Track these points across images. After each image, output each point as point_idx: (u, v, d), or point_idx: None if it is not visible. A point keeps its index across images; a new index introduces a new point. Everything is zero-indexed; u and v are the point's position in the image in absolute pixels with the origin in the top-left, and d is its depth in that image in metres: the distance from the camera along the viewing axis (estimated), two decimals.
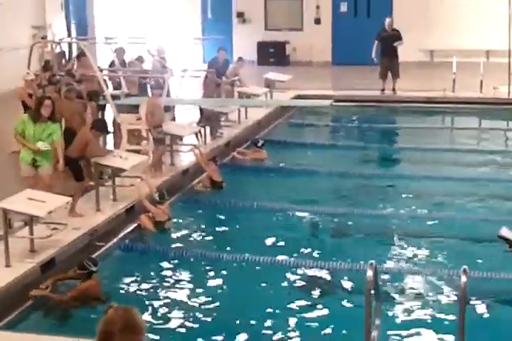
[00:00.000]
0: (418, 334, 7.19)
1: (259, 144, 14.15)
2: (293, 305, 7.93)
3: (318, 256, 9.25)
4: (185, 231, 10.37)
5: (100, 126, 10.75)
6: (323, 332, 7.27)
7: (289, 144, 15.38)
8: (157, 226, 10.23)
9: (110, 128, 13.97)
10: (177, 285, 8.59)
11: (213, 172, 12.20)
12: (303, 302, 8.01)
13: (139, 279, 8.79)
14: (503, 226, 5.68)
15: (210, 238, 10.21)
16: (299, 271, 8.87)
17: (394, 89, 19.56)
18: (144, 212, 10.39)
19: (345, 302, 7.92)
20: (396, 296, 8.08)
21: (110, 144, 14.01)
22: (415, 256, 9.36)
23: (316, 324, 7.48)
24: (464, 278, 5.46)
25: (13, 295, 7.80)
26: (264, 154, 14.06)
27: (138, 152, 12.41)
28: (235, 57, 18.58)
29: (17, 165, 12.61)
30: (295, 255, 9.31)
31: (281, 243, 9.80)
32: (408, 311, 7.72)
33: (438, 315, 7.54)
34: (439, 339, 7.03)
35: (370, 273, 5.65)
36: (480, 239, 9.50)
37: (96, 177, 10.56)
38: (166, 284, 8.63)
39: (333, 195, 12.24)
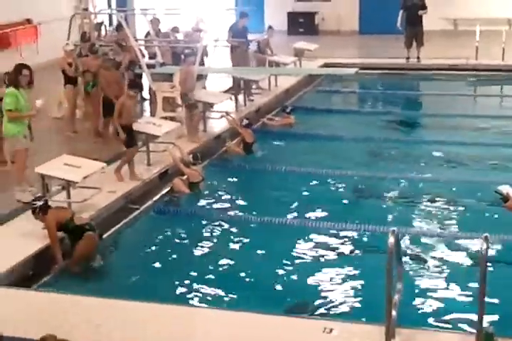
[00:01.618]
0: (439, 298, 6.91)
1: (288, 110, 13.92)
2: (315, 267, 7.71)
3: (343, 218, 8.97)
4: (215, 195, 10.15)
5: (133, 85, 10.50)
6: (344, 295, 7.03)
7: (316, 110, 15.03)
8: (191, 187, 10.04)
9: (145, 88, 13.83)
10: (207, 246, 8.40)
11: (246, 134, 11.95)
12: (327, 265, 7.78)
13: (171, 240, 8.62)
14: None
15: (240, 201, 9.98)
16: (324, 233, 8.63)
17: (418, 58, 19.04)
18: (179, 175, 10.19)
19: (368, 265, 7.65)
20: (418, 260, 7.79)
21: (147, 112, 13.86)
22: (439, 219, 9.05)
23: (338, 287, 7.24)
24: (484, 246, 5.17)
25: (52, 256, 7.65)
26: (292, 120, 13.79)
27: (172, 119, 12.22)
28: (266, 27, 18.17)
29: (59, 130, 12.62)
30: (321, 217, 9.05)
31: (308, 206, 9.55)
32: (430, 275, 7.45)
33: (459, 280, 7.24)
34: (459, 303, 6.75)
35: (391, 239, 5.38)
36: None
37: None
38: (196, 245, 8.44)
39: (358, 159, 11.91)
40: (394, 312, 5.59)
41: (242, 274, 7.58)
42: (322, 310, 6.74)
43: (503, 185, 5.34)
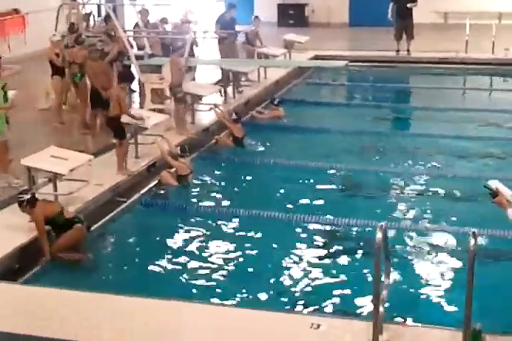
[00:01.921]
0: (427, 293, 6.89)
1: (276, 102, 13.87)
2: (303, 261, 7.67)
3: (331, 212, 8.93)
4: (204, 188, 10.10)
5: (124, 76, 10.37)
6: (332, 290, 6.98)
7: (306, 103, 14.97)
8: (180, 180, 9.97)
9: (135, 80, 13.71)
10: (194, 240, 8.34)
11: (235, 128, 11.88)
12: (313, 259, 7.75)
13: (158, 233, 8.56)
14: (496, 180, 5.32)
15: (228, 194, 9.92)
16: (312, 227, 8.60)
17: (408, 50, 19.02)
18: (167, 167, 10.12)
19: (356, 260, 7.64)
20: (405, 254, 7.77)
21: (135, 103, 13.76)
22: (428, 213, 9.01)
23: (326, 282, 7.21)
24: (472, 242, 5.14)
25: (37, 250, 7.57)
26: (281, 112, 13.73)
27: (161, 111, 12.14)
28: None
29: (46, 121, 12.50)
30: (309, 211, 8.99)
31: (296, 199, 9.51)
32: (418, 270, 7.43)
33: (447, 276, 7.24)
34: (447, 299, 6.73)
35: (379, 234, 5.33)
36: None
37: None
38: (183, 238, 8.40)
39: (346, 152, 11.87)
40: (381, 308, 5.55)
41: (230, 268, 7.55)
42: (310, 306, 6.69)
43: (493, 179, 5.30)
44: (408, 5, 18.75)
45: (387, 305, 5.69)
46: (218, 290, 7.03)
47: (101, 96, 11.10)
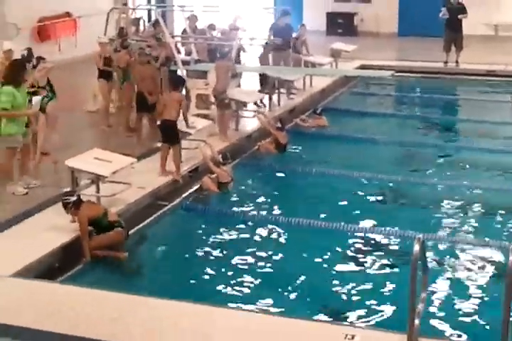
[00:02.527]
0: (463, 308, 6.80)
1: (318, 111, 13.85)
2: (340, 271, 7.65)
3: (371, 222, 8.89)
4: (245, 194, 10.12)
5: (175, 82, 10.36)
6: (368, 301, 6.93)
7: (351, 112, 14.92)
8: (220, 187, 10.00)
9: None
10: (233, 246, 8.37)
11: (279, 135, 11.90)
12: (352, 268, 7.73)
13: (197, 238, 8.61)
14: None
15: (268, 201, 9.92)
16: (352, 236, 8.56)
17: (457, 62, 18.81)
18: (209, 173, 10.17)
19: (396, 271, 7.57)
20: (445, 267, 7.68)
21: None
22: (469, 226, 8.90)
23: (363, 293, 7.15)
24: (511, 257, 5.06)
25: (79, 250, 7.68)
26: (324, 121, 13.71)
27: (206, 116, 12.20)
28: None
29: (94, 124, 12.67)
30: (350, 220, 8.95)
31: (336, 208, 9.48)
32: (455, 284, 7.33)
33: (484, 290, 7.13)
34: (484, 315, 6.63)
35: (417, 247, 5.29)
36: None
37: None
38: (222, 243, 8.42)
39: (389, 162, 11.82)
40: (417, 321, 5.49)
41: (265, 275, 7.54)
42: (345, 316, 6.66)
43: None
44: (459, 16, 18.56)
45: (423, 318, 5.62)
46: (253, 297, 7.03)
47: (146, 100, 11.19)
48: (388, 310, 6.69)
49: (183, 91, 13.79)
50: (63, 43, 18.93)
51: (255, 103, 13.91)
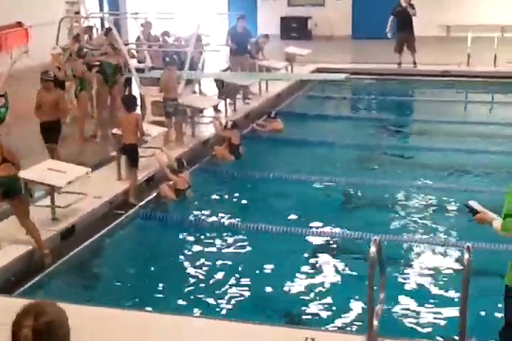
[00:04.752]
0: (421, 307, 6.84)
1: (272, 115, 13.86)
2: (299, 275, 7.63)
3: (329, 225, 8.92)
4: (202, 201, 10.09)
5: (130, 103, 10.21)
6: (327, 304, 6.95)
7: (307, 116, 14.98)
8: (178, 194, 9.95)
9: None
10: (191, 253, 8.33)
11: (232, 134, 11.83)
12: (310, 271, 7.72)
13: (156, 246, 8.55)
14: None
15: (227, 207, 9.92)
16: (309, 240, 8.59)
17: (415, 63, 18.92)
18: (166, 181, 10.11)
19: (353, 273, 7.60)
20: (402, 268, 7.73)
21: None
22: (425, 227, 8.99)
23: (321, 296, 7.15)
24: (466, 256, 5.11)
25: (34, 262, 7.57)
26: (280, 124, 13.71)
27: (161, 123, 12.13)
28: (259, 32, 18.15)
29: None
30: (308, 224, 8.98)
31: (294, 212, 9.48)
32: (413, 283, 7.38)
33: (442, 289, 7.19)
34: (442, 313, 6.69)
35: (373, 249, 5.32)
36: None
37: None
38: (180, 251, 8.37)
39: (346, 165, 11.88)
40: (376, 322, 5.52)
41: (224, 281, 7.50)
42: (304, 319, 6.67)
43: (472, 200, 5.39)
44: (410, 12, 18.74)
45: (381, 318, 5.65)
46: (212, 304, 7.00)
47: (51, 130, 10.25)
48: (348, 311, 6.72)
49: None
50: (15, 53, 18.67)
51: (215, 108, 13.89)
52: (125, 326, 6.14)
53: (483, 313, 6.38)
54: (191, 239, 8.74)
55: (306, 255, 8.19)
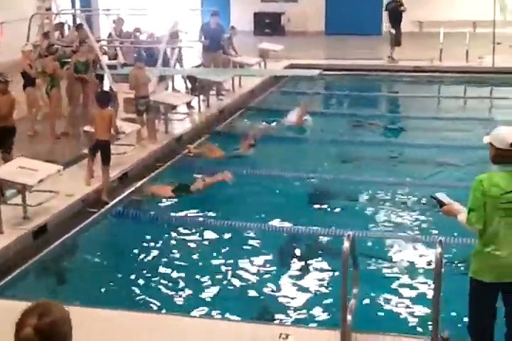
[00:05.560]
0: (395, 302, 6.87)
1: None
2: (273, 271, 7.64)
3: (303, 221, 8.92)
4: (175, 198, 10.02)
5: (103, 100, 10.08)
6: (302, 300, 6.95)
7: (280, 112, 14.95)
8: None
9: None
10: (166, 251, 8.28)
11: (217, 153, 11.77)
12: (284, 267, 7.72)
13: (128, 244, 8.49)
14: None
15: (201, 204, 9.86)
16: (284, 236, 8.58)
17: (391, 57, 19.07)
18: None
19: (327, 269, 7.61)
20: (375, 263, 7.75)
21: None
22: (398, 222, 9.03)
23: (295, 292, 7.16)
24: (439, 250, 5.14)
25: (5, 261, 7.49)
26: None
27: (134, 120, 12.06)
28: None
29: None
30: (280, 221, 8.98)
31: (268, 209, 9.46)
32: (386, 279, 7.41)
33: (415, 284, 7.23)
34: (415, 307, 6.72)
35: (346, 244, 5.33)
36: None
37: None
38: (154, 249, 8.32)
39: (321, 161, 11.87)
40: (349, 317, 5.53)
41: (197, 278, 7.48)
42: (278, 316, 6.66)
43: (440, 192, 5.41)
44: (401, 8, 18.91)
45: (355, 313, 5.66)
46: (187, 301, 6.98)
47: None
48: (322, 307, 6.72)
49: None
50: None
51: (188, 105, 13.82)
52: (93, 324, 6.10)
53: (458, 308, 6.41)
54: (165, 236, 8.69)
55: (278, 252, 8.18)
